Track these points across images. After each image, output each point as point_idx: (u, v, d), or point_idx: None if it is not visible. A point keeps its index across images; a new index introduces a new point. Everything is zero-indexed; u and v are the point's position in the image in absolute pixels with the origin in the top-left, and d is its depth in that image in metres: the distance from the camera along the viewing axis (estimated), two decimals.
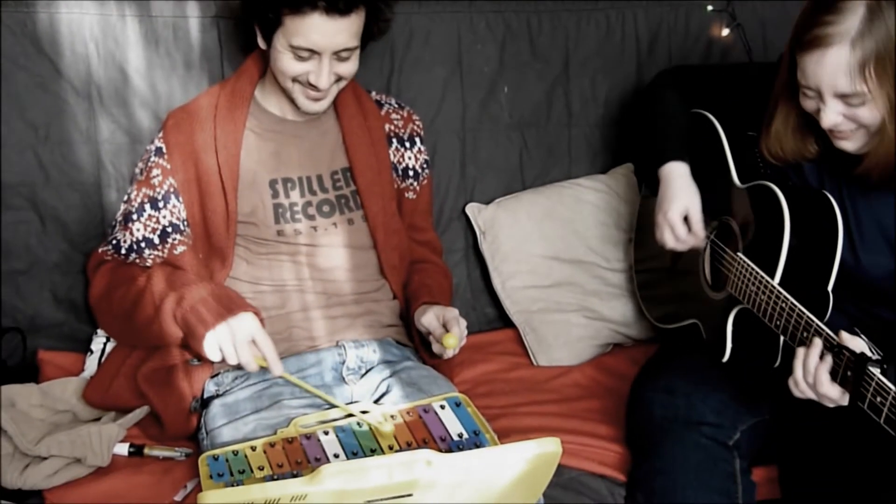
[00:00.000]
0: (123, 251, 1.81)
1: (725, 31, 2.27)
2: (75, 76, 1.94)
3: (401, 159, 1.96)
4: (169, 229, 1.80)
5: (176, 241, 1.80)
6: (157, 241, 1.79)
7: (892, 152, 1.49)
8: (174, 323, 1.65)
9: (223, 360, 1.62)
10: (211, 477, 1.49)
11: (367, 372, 1.78)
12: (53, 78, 1.92)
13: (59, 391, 1.79)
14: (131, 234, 1.80)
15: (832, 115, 1.49)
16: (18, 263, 1.94)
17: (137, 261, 1.80)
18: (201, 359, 1.70)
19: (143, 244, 1.79)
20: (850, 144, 1.54)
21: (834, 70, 1.44)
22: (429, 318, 1.75)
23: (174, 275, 1.73)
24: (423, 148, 2.00)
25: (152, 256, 1.80)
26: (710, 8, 2.27)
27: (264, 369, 1.63)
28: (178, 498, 1.61)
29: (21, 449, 1.62)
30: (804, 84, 1.50)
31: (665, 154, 1.82)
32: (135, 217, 1.80)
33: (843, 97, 1.47)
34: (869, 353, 1.38)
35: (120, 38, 1.94)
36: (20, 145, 1.91)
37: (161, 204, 1.79)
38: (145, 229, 1.79)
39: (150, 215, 1.79)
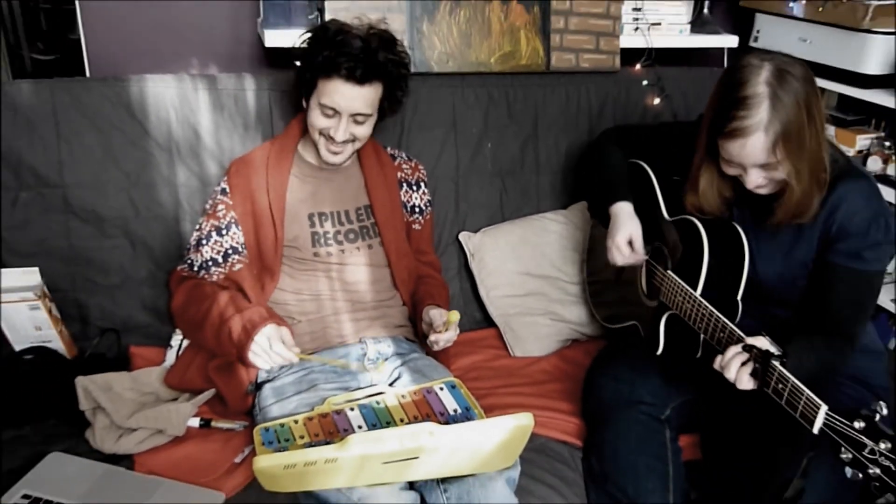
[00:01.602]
0: (196, 268, 1.80)
1: (657, 101, 2.27)
2: (159, 135, 1.94)
3: (409, 199, 1.96)
4: (230, 251, 1.79)
5: (235, 261, 1.79)
6: (220, 260, 1.79)
7: (798, 201, 1.50)
8: (231, 346, 1.63)
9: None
10: (263, 444, 1.49)
11: (383, 362, 1.77)
12: (142, 136, 1.92)
13: (146, 377, 1.78)
14: (201, 255, 1.79)
15: (755, 179, 1.50)
16: (115, 279, 1.94)
17: (206, 276, 1.80)
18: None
19: (210, 263, 1.79)
20: (765, 191, 1.55)
21: (754, 151, 1.45)
22: (435, 314, 1.74)
23: (227, 304, 1.68)
24: (426, 190, 2.00)
25: (217, 273, 1.79)
26: (645, 83, 2.27)
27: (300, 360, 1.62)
28: (237, 460, 1.61)
29: (116, 422, 1.62)
30: (728, 160, 1.51)
31: (614, 196, 1.81)
32: (204, 242, 1.79)
33: (762, 166, 1.48)
34: (772, 350, 1.38)
35: (193, 105, 1.95)
36: (116, 188, 1.91)
37: (224, 232, 1.79)
38: (212, 251, 1.79)
39: (215, 240, 1.79)
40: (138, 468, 1.57)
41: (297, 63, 1.77)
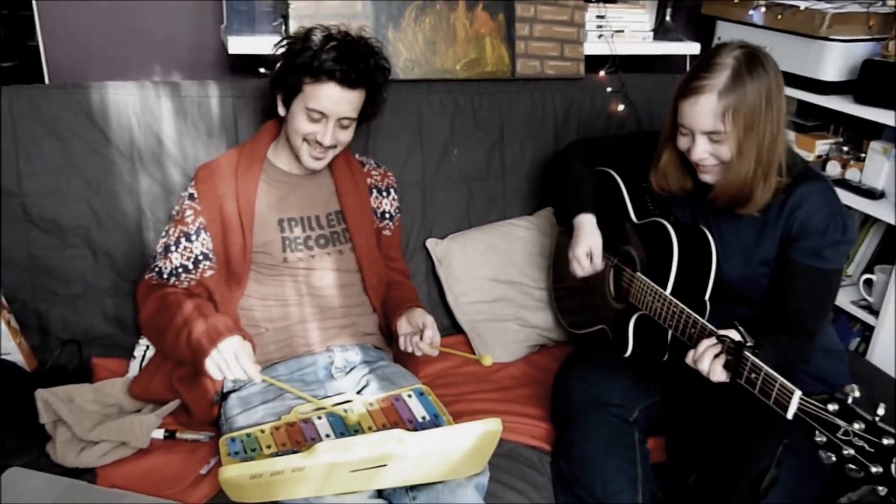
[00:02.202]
0: (165, 276, 1.77)
1: (621, 107, 2.29)
2: (121, 142, 1.90)
3: (379, 205, 1.95)
4: (200, 257, 1.76)
5: (206, 267, 1.76)
6: (191, 266, 1.76)
7: (735, 183, 1.55)
8: (188, 352, 1.59)
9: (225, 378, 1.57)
10: (229, 454, 1.47)
11: (351, 370, 1.76)
12: (104, 144, 1.89)
13: (109, 389, 1.75)
14: (170, 262, 1.76)
15: (700, 151, 1.55)
16: (76, 289, 1.90)
17: (177, 283, 1.76)
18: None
19: (180, 270, 1.76)
20: (710, 177, 1.60)
21: (703, 112, 1.50)
22: (421, 314, 1.74)
23: (193, 310, 1.64)
24: (395, 197, 1.99)
25: (188, 279, 1.76)
26: (609, 89, 2.29)
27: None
28: (203, 472, 1.58)
29: (78, 435, 1.58)
30: (681, 124, 1.55)
31: (577, 208, 1.83)
32: (173, 248, 1.76)
33: (708, 134, 1.52)
34: (744, 341, 1.40)
35: (156, 112, 1.92)
36: (77, 196, 1.88)
37: (193, 238, 1.76)
38: (181, 258, 1.76)
39: (185, 247, 1.76)
40: (101, 482, 1.53)
41: (263, 69, 1.76)
